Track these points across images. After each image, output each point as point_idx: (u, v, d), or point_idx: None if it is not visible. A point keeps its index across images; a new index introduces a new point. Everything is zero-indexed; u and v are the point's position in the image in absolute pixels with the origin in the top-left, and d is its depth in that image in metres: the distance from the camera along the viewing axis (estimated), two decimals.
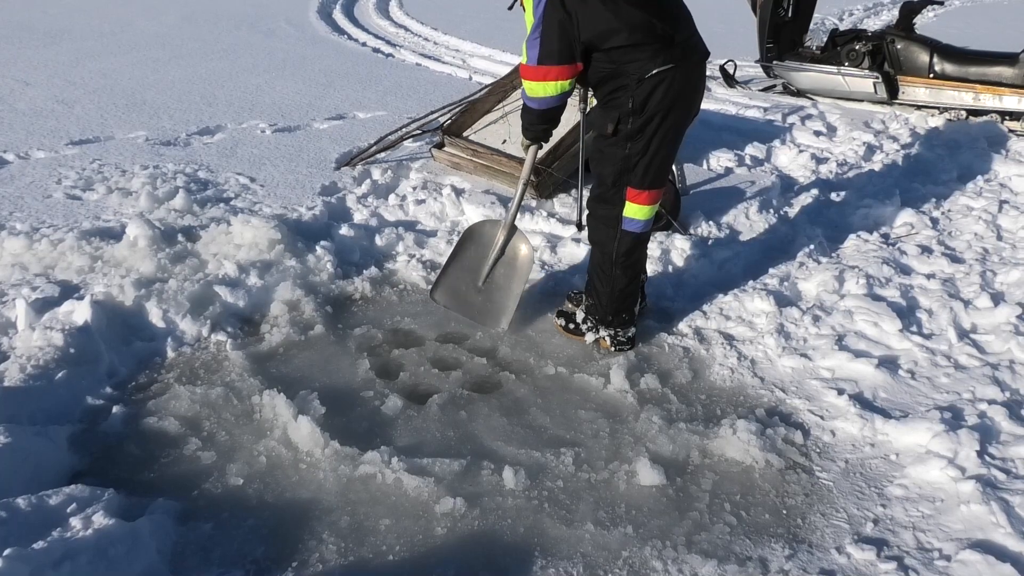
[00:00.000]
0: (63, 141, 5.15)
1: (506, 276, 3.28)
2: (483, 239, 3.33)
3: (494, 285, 3.29)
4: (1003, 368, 3.10)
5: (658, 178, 3.00)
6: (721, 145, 5.29)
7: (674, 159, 3.11)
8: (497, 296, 3.28)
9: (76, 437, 2.61)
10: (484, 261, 3.31)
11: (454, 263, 3.33)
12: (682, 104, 2.90)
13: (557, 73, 2.80)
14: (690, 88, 2.93)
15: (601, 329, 3.20)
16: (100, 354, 2.95)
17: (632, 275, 3.14)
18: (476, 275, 3.31)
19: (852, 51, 6.40)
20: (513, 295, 3.26)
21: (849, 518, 2.40)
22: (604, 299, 3.15)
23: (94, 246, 3.66)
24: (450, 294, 3.31)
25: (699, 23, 3.00)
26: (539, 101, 2.90)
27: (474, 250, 3.33)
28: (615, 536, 2.31)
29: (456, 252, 3.35)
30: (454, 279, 3.31)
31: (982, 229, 4.31)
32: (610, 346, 3.20)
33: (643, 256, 3.19)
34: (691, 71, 2.91)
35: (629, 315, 3.19)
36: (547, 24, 2.74)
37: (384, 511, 2.37)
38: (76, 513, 2.14)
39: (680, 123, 2.96)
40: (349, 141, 5.30)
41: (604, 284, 3.14)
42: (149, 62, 7.37)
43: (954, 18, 11.87)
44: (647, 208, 3.02)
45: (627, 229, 3.04)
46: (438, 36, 9.68)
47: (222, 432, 2.68)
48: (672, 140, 2.97)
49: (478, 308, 3.28)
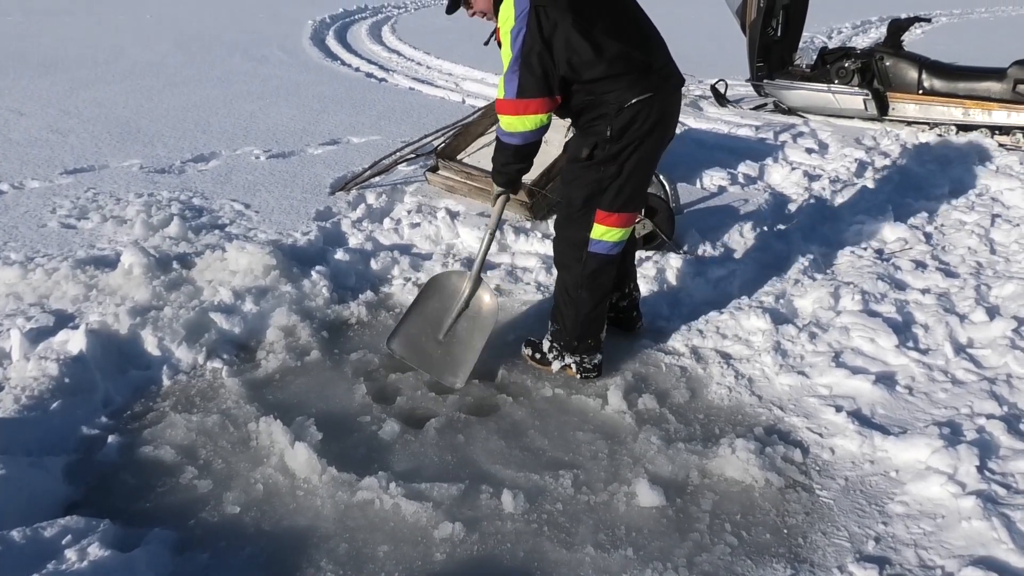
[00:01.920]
0: (57, 170, 5.15)
1: (468, 330, 3.18)
2: (447, 290, 3.24)
3: (455, 339, 3.18)
4: (1000, 382, 3.10)
5: (630, 201, 2.97)
6: (714, 164, 5.32)
7: (648, 183, 3.10)
8: (457, 350, 3.15)
9: (71, 467, 2.59)
10: (447, 313, 3.19)
11: (414, 313, 3.22)
12: (660, 131, 2.91)
13: (536, 107, 2.78)
14: (667, 115, 2.95)
15: (567, 356, 3.13)
16: (95, 383, 2.94)
17: (598, 299, 3.08)
18: (437, 327, 3.19)
19: (841, 69, 6.46)
20: (474, 350, 3.13)
21: (850, 536, 2.39)
22: (569, 323, 3.10)
23: (89, 275, 3.66)
24: (408, 345, 3.18)
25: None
26: (517, 136, 2.86)
27: (437, 301, 3.22)
28: (616, 559, 2.30)
29: (418, 302, 3.25)
30: (414, 330, 3.20)
31: (975, 243, 4.33)
32: (576, 374, 3.13)
33: (609, 280, 3.11)
34: (668, 98, 2.93)
35: (595, 341, 3.13)
36: (526, 57, 2.72)
37: (382, 537, 2.35)
38: (71, 545, 2.11)
39: (655, 149, 2.97)
40: (343, 166, 5.32)
41: (569, 308, 3.09)
42: (143, 90, 7.41)
43: (941, 34, 12.01)
44: (616, 231, 2.99)
45: (593, 251, 3.00)
46: (431, 60, 9.76)
47: (218, 460, 2.66)
48: (646, 165, 2.97)
49: (436, 361, 3.14)
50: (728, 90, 7.38)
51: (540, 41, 2.71)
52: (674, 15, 12.30)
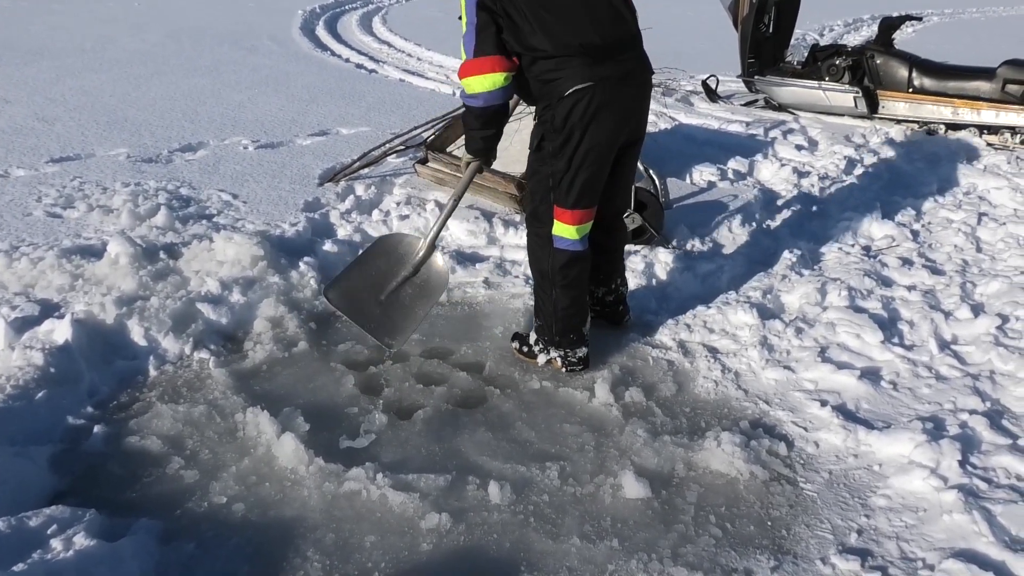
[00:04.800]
0: (43, 159, 5.12)
1: (412, 296, 3.09)
2: (395, 253, 3.13)
3: (397, 303, 3.07)
4: (984, 378, 3.13)
5: (583, 198, 2.93)
6: (704, 159, 5.33)
7: (602, 181, 2.97)
8: (396, 315, 3.05)
9: (57, 457, 2.58)
10: (392, 277, 3.09)
11: (357, 269, 3.12)
12: (603, 124, 2.84)
13: (492, 64, 2.79)
14: (613, 108, 2.85)
15: (551, 350, 3.14)
16: (81, 373, 2.92)
17: (573, 295, 3.06)
18: (379, 288, 3.07)
19: (832, 66, 6.48)
20: (415, 318, 3.06)
21: (833, 529, 2.41)
22: (548, 320, 3.10)
23: (75, 264, 3.64)
24: (346, 298, 3.03)
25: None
26: (478, 98, 2.85)
27: (384, 262, 3.12)
28: (601, 550, 2.31)
29: (363, 259, 3.16)
30: (355, 285, 3.07)
31: (962, 241, 4.36)
32: (561, 367, 3.14)
33: (582, 275, 3.07)
34: (614, 91, 2.84)
35: (577, 335, 3.12)
36: (481, 21, 2.78)
37: (369, 528, 2.36)
38: (57, 534, 2.11)
39: (603, 143, 2.88)
40: (332, 157, 5.30)
41: (546, 304, 3.10)
42: (131, 79, 7.35)
43: (932, 33, 12.05)
44: (573, 228, 2.96)
45: (558, 247, 3.00)
46: (421, 52, 9.73)
47: (205, 450, 2.65)
48: (595, 161, 2.89)
49: (373, 320, 3.02)
50: (719, 86, 7.39)
51: (489, 12, 2.77)
52: (667, 11, 12.31)
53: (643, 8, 3.01)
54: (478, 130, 2.95)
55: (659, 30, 3.03)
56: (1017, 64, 5.92)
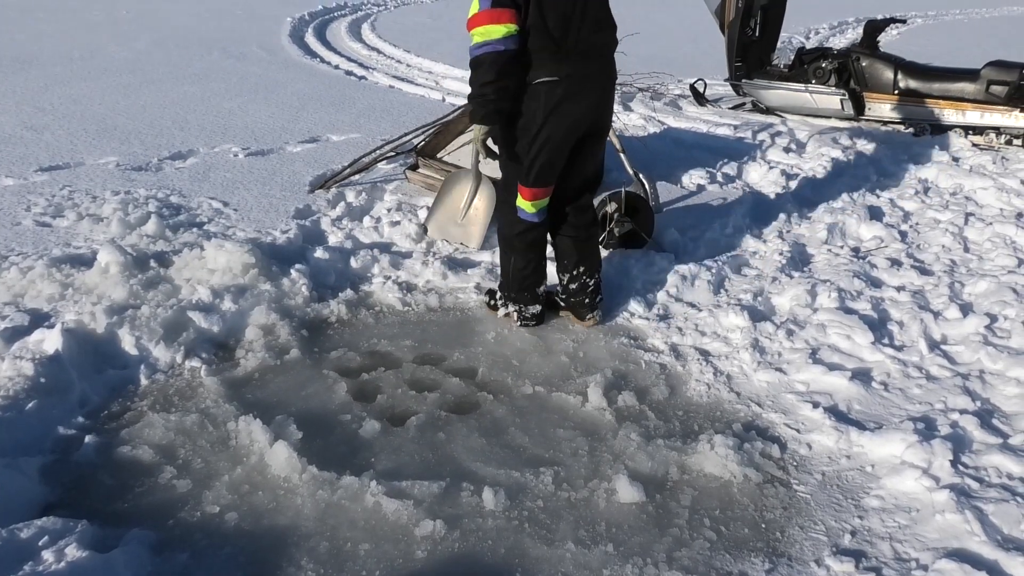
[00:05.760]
0: (32, 168, 5.09)
1: (476, 208, 4.17)
2: (458, 185, 4.22)
3: (468, 219, 4.19)
4: (973, 378, 3.15)
5: (539, 179, 3.26)
6: (693, 163, 5.36)
7: (559, 166, 3.28)
8: (471, 227, 4.19)
9: (48, 468, 2.57)
10: (462, 201, 4.20)
11: (439, 204, 4.27)
12: (564, 116, 3.14)
13: (507, 16, 2.96)
14: (578, 101, 3.15)
15: (509, 305, 3.52)
16: (72, 383, 2.91)
17: (529, 258, 3.43)
18: (456, 212, 4.21)
19: (819, 69, 6.52)
20: (482, 223, 4.15)
21: (827, 530, 2.42)
22: (507, 278, 3.51)
23: (64, 273, 3.62)
24: (438, 228, 4.26)
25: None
26: (488, 46, 2.97)
27: (456, 191, 4.23)
28: (596, 554, 2.31)
29: (440, 196, 4.28)
30: (442, 217, 4.26)
31: (949, 241, 4.39)
32: (516, 320, 3.52)
33: (538, 243, 3.44)
34: (580, 87, 3.14)
35: (531, 295, 3.49)
36: None
37: (363, 536, 2.35)
38: (48, 546, 2.10)
39: (561, 133, 3.18)
40: (323, 164, 5.29)
41: (506, 263, 3.50)
42: (120, 87, 7.33)
43: (916, 36, 12.15)
44: (529, 203, 3.31)
45: (520, 217, 3.36)
46: (411, 58, 9.73)
47: (197, 459, 2.64)
48: (553, 149, 3.20)
49: (458, 235, 4.20)
50: (707, 89, 7.42)
51: None
52: (653, 15, 12.35)
53: (631, 13, 3.05)
54: (493, 81, 3.01)
55: (646, 35, 3.06)
56: (1000, 65, 5.97)
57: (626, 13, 3.04)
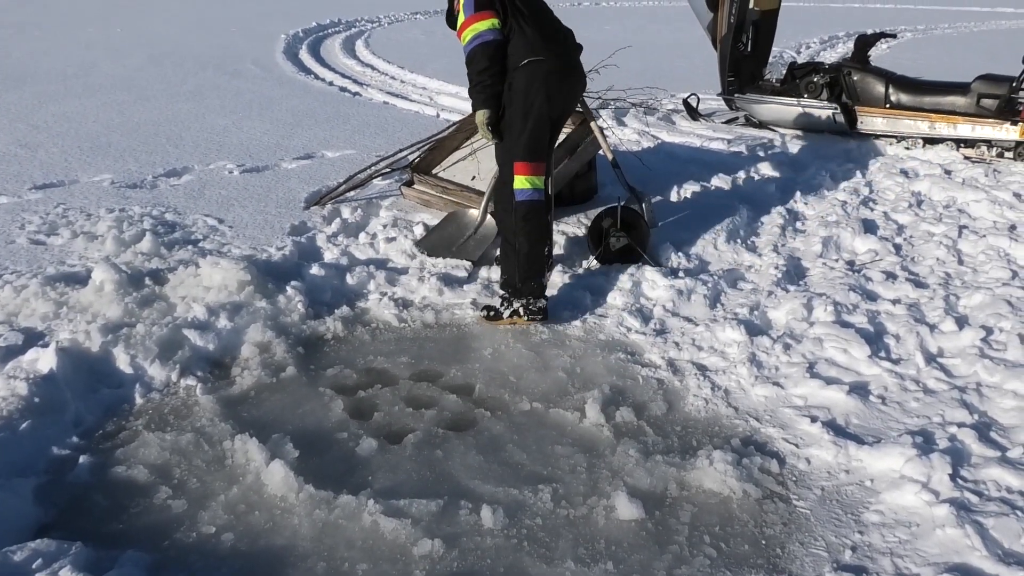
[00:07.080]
0: (26, 186, 5.08)
1: (475, 242, 4.31)
2: (464, 219, 4.41)
3: (464, 250, 4.27)
4: (970, 391, 3.15)
5: (533, 152, 3.62)
6: (688, 177, 5.37)
7: (545, 140, 3.69)
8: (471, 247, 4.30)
9: (41, 489, 2.54)
10: (460, 235, 4.33)
11: (437, 230, 4.39)
12: (550, 89, 3.60)
13: (488, 15, 3.55)
14: (560, 77, 3.66)
15: (515, 302, 3.61)
16: (66, 403, 2.88)
17: (534, 240, 3.65)
18: (452, 242, 4.31)
19: (811, 83, 6.57)
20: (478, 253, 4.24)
21: (827, 546, 2.40)
22: (512, 268, 3.65)
23: (59, 292, 3.60)
24: (433, 248, 4.28)
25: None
26: (478, 38, 3.53)
27: (455, 227, 4.38)
28: (596, 573, 2.29)
29: (441, 224, 4.43)
30: (433, 241, 4.33)
31: (943, 254, 4.41)
32: (524, 317, 3.59)
33: (541, 224, 3.69)
34: (557, 65, 3.64)
35: (537, 284, 3.64)
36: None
37: (361, 555, 2.33)
38: (42, 569, 2.08)
39: (546, 106, 3.61)
40: (318, 180, 5.30)
41: (511, 255, 3.67)
42: (114, 104, 7.33)
43: (906, 49, 12.25)
44: (525, 178, 3.61)
45: (520, 199, 3.62)
46: (405, 75, 9.77)
47: (193, 479, 2.62)
48: (540, 119, 3.61)
49: (454, 255, 4.23)
50: (700, 104, 7.46)
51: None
52: (646, 31, 12.43)
53: (623, 28, 3.08)
54: (488, 68, 3.56)
55: (639, 49, 3.09)
56: (990, 79, 6.02)
57: (619, 28, 3.05)
